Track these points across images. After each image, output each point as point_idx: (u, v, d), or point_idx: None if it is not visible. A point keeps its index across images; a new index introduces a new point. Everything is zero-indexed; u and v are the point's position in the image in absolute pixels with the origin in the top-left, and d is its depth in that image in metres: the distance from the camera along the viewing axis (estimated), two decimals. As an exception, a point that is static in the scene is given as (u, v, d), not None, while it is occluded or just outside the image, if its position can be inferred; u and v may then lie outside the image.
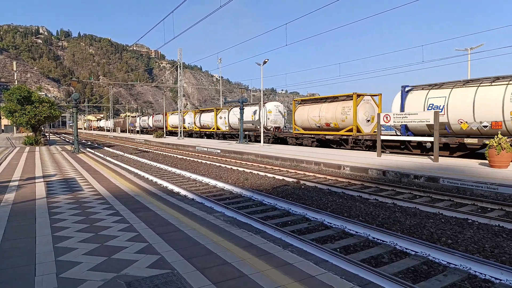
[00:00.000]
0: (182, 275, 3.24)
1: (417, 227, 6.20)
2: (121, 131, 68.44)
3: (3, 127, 62.42)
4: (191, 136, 41.30)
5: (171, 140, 34.07)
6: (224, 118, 34.16)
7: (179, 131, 36.88)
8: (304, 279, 3.18)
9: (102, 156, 18.58)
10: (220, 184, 10.44)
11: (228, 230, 4.67)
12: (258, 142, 25.90)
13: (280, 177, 11.68)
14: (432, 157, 13.70)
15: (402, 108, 16.69)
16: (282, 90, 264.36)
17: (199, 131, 39.48)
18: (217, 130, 35.57)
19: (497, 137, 11.15)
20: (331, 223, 6.32)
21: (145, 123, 57.11)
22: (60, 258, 3.67)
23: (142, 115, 66.71)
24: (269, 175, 12.26)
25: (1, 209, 5.86)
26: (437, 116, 13.18)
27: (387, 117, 14.96)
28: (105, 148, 28.09)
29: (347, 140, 19.96)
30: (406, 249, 5.05)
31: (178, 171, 13.48)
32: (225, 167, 14.93)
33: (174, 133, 44.97)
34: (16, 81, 49.04)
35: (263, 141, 24.05)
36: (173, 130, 45.30)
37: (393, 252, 5.05)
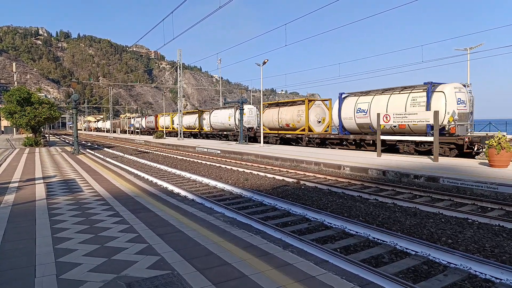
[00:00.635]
0: (183, 275, 3.24)
1: (417, 227, 6.20)
2: (121, 132, 69.05)
3: (3, 129, 62.42)
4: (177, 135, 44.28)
5: (171, 140, 34.11)
6: (206, 119, 37.17)
7: (179, 131, 37.07)
8: (305, 279, 3.18)
9: (102, 157, 18.58)
10: (220, 185, 10.44)
11: (228, 231, 4.67)
12: (236, 141, 28.38)
13: (280, 178, 11.68)
14: (432, 157, 13.71)
15: (339, 111, 20.01)
16: (282, 90, 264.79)
17: (186, 131, 42.97)
18: (201, 130, 39.27)
19: (497, 137, 11.15)
20: (331, 223, 6.32)
21: (139, 124, 61.03)
22: (60, 259, 3.67)
23: (137, 117, 70.05)
24: (269, 175, 12.25)
25: (1, 210, 5.85)
26: (437, 116, 13.19)
27: (387, 117, 14.97)
28: (105, 149, 28.08)
29: (302, 138, 23.33)
30: (407, 249, 5.05)
31: (178, 172, 13.47)
32: (225, 167, 14.93)
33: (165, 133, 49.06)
34: (15, 82, 49.04)
35: (262, 141, 24.18)
36: (163, 130, 49.59)
37: (394, 252, 5.05)
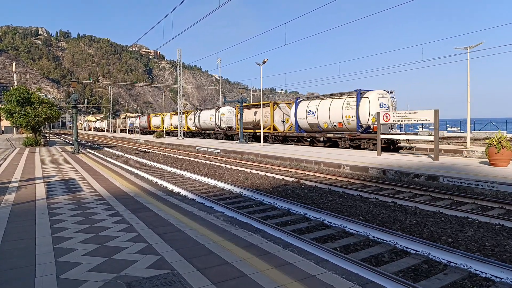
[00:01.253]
0: (182, 275, 3.24)
1: (417, 226, 6.20)
2: (121, 131, 69.38)
3: (3, 128, 62.40)
4: (168, 134, 47.72)
5: (171, 140, 34.14)
6: (192, 119, 40.65)
7: (179, 131, 37.14)
8: (305, 278, 3.18)
9: (102, 156, 18.57)
10: (220, 184, 10.44)
11: (228, 230, 4.67)
12: (217, 139, 31.24)
13: (280, 177, 11.68)
14: (433, 156, 13.70)
15: (295, 113, 23.49)
16: (282, 89, 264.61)
17: (175, 130, 45.91)
18: (187, 129, 42.60)
19: (497, 136, 11.14)
20: (331, 223, 6.32)
21: (133, 124, 64.71)
22: (60, 259, 3.67)
23: (132, 117, 72.92)
24: (269, 174, 12.25)
25: (1, 210, 5.85)
26: (437, 115, 13.18)
27: (387, 116, 14.96)
28: (105, 148, 28.08)
29: (268, 135, 27.04)
30: (407, 248, 5.05)
31: (178, 171, 13.47)
32: (225, 167, 14.93)
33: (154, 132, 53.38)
34: (15, 82, 48.95)
35: (262, 140, 24.32)
36: (155, 130, 53.76)
37: (394, 251, 5.05)
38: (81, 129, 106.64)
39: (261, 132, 24.59)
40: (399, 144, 19.07)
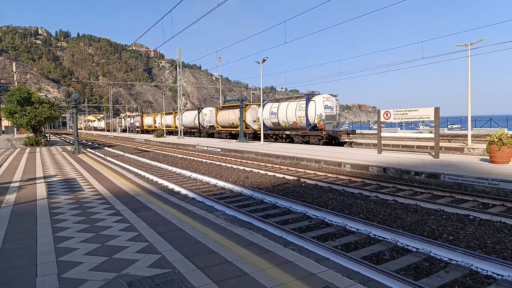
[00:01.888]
0: (183, 274, 3.24)
1: (418, 224, 6.19)
2: (122, 131, 69.58)
3: (3, 128, 62.41)
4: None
5: (171, 139, 34.17)
6: (180, 119, 42.23)
7: (179, 130, 37.15)
8: (305, 277, 3.18)
9: (103, 156, 18.59)
10: (220, 183, 10.44)
11: (229, 229, 4.67)
12: (201, 137, 34.58)
13: (281, 175, 11.67)
14: (433, 154, 13.69)
15: (262, 114, 26.46)
16: (282, 88, 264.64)
17: (167, 129, 48.48)
18: (176, 129, 44.36)
19: (498, 133, 11.12)
20: (332, 221, 6.32)
21: (129, 124, 67.56)
22: (61, 259, 3.67)
23: (127, 117, 75.44)
24: (269, 173, 12.25)
25: (3, 210, 5.86)
26: (438, 112, 13.16)
27: (387, 114, 14.94)
28: (106, 148, 28.09)
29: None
30: (408, 246, 5.04)
31: (178, 170, 13.47)
32: (226, 165, 14.93)
33: (148, 132, 57.07)
34: (16, 82, 48.99)
35: (263, 139, 24.38)
36: (148, 129, 57.16)
37: (395, 249, 5.04)
38: (81, 129, 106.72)
39: (262, 131, 24.70)
40: (341, 140, 23.09)
